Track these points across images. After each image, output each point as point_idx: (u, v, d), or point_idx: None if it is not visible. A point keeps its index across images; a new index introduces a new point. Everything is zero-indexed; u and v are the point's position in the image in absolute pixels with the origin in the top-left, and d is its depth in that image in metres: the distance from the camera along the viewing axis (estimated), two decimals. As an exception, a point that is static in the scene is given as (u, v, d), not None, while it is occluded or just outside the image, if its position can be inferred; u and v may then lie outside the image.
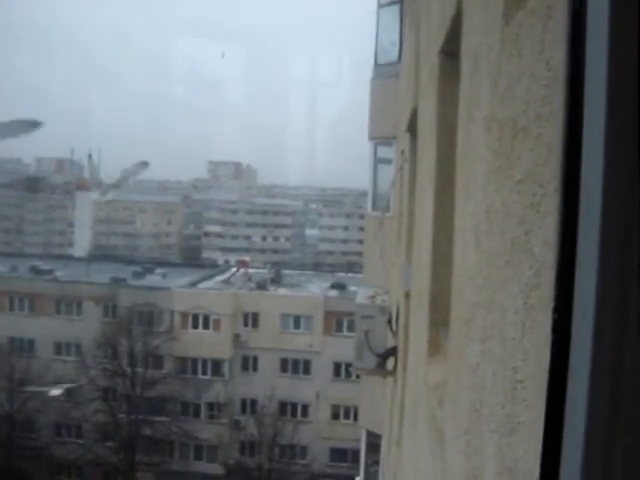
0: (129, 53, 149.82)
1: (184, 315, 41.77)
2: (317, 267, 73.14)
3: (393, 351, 8.48)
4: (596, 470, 1.01)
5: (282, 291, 46.11)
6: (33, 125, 30.91)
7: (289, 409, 41.77)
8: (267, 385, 40.02)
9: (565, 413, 1.06)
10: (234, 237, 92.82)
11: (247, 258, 56.32)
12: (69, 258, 60.19)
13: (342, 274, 54.71)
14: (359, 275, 31.79)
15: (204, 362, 41.66)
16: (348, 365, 31.37)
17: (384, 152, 14.25)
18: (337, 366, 40.38)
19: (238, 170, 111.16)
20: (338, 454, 40.56)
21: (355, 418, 34.26)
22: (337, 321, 40.82)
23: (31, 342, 42.85)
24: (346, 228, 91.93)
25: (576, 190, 1.06)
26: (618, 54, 0.98)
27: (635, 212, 0.98)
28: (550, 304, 1.17)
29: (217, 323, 41.71)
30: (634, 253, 0.99)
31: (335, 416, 41.47)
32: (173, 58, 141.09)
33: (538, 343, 1.30)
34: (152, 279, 48.10)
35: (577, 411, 1.02)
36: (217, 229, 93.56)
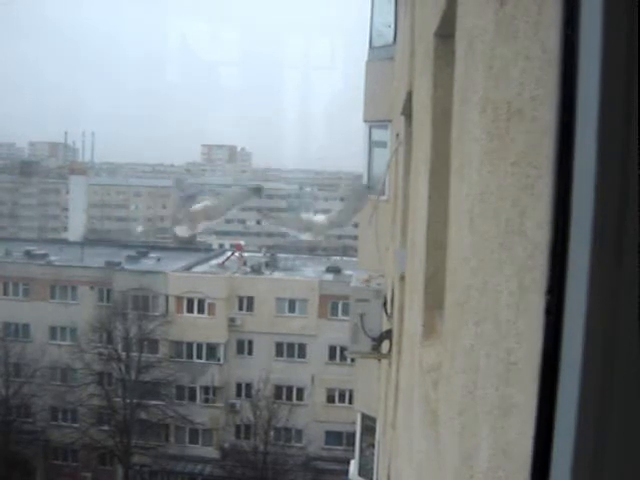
0: (123, 36, 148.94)
1: (179, 299, 41.72)
2: (312, 251, 73.11)
3: (388, 334, 8.51)
4: (588, 452, 1.02)
5: (277, 275, 46.07)
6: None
7: (284, 392, 41.85)
8: (262, 369, 40.11)
9: (558, 395, 1.06)
10: (228, 221, 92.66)
11: (242, 242, 56.32)
12: (63, 242, 59.93)
13: (337, 258, 54.66)
14: (354, 259, 31.84)
15: (199, 346, 41.69)
16: (343, 348, 31.45)
17: (379, 135, 14.22)
18: (332, 349, 40.44)
19: (232, 153, 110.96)
20: (333, 437, 40.73)
21: (350, 401, 34.46)
22: (332, 305, 40.83)
23: (26, 327, 42.89)
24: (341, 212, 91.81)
25: (570, 172, 1.06)
26: (612, 36, 0.98)
27: (628, 194, 0.98)
28: (544, 286, 1.18)
29: (212, 307, 41.71)
30: (627, 235, 0.99)
31: (330, 399, 41.57)
32: (167, 41, 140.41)
33: (532, 325, 1.30)
34: (147, 263, 47.97)
35: (570, 393, 1.03)
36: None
